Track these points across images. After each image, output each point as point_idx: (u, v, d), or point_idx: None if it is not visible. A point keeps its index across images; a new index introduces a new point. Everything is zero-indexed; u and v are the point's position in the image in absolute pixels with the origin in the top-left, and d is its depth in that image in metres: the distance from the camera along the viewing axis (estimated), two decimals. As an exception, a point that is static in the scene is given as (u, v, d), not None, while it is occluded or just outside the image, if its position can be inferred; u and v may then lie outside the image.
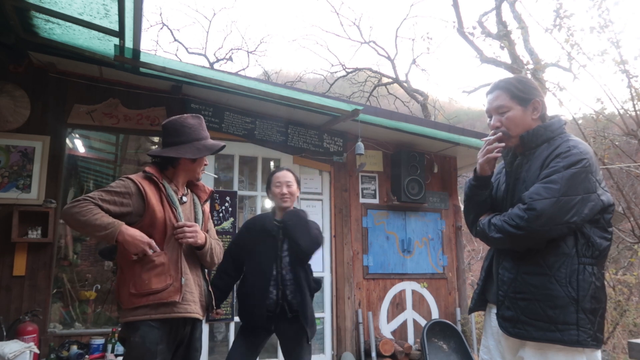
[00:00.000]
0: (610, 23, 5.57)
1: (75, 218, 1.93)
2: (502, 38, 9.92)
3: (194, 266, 2.20)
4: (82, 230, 2.03)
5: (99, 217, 1.94)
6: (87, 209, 1.93)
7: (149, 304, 2.00)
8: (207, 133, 2.29)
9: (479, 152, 1.83)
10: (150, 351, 1.97)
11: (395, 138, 5.20)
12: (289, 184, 2.82)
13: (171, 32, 14.70)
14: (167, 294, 2.01)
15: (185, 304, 2.07)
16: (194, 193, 2.35)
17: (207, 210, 2.41)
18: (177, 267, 2.07)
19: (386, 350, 4.60)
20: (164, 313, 2.01)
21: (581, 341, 1.55)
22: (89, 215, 1.92)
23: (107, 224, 1.94)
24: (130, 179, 2.09)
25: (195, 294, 2.15)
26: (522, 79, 1.87)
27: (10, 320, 3.64)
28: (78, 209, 1.93)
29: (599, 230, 1.64)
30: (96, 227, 1.93)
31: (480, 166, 1.82)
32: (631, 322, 6.08)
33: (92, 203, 1.96)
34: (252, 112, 4.71)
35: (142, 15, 3.01)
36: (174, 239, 2.09)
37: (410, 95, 13.39)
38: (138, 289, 2.00)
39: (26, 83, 4.05)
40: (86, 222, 1.92)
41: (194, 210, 2.29)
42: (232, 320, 4.37)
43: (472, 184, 1.85)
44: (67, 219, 1.97)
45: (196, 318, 2.15)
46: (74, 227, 2.03)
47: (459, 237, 5.52)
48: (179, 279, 2.05)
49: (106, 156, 5.75)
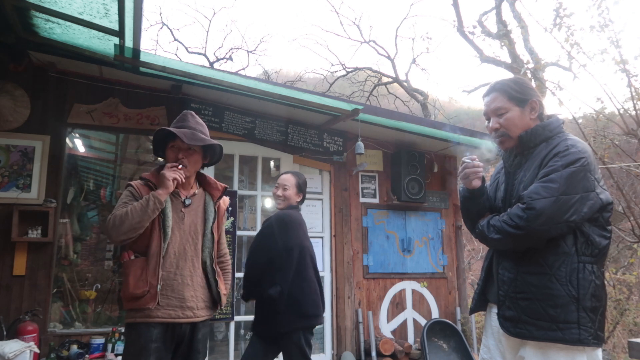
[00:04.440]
0: (610, 22, 5.56)
1: (124, 223, 2.00)
2: (502, 37, 9.92)
3: (191, 266, 2.17)
4: (138, 225, 2.04)
5: (135, 205, 2.05)
6: (123, 213, 2.02)
7: (134, 308, 2.06)
8: (182, 123, 2.23)
9: (459, 173, 1.85)
10: (145, 348, 2.01)
11: (396, 137, 5.20)
12: (285, 187, 2.92)
13: (171, 32, 14.76)
14: (144, 301, 2.04)
15: (169, 309, 2.08)
16: (207, 191, 2.33)
17: (223, 207, 2.41)
18: (155, 274, 2.06)
19: (386, 350, 4.61)
20: (147, 317, 2.05)
21: (582, 340, 1.55)
22: (127, 212, 2.02)
23: (144, 200, 2.05)
24: (132, 186, 2.17)
25: (190, 297, 2.13)
26: (519, 80, 1.88)
27: (11, 319, 3.64)
28: (118, 220, 2.01)
29: (598, 229, 1.64)
30: (142, 210, 2.02)
31: (466, 185, 1.84)
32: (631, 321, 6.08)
33: (116, 214, 2.04)
34: (252, 112, 4.71)
35: (142, 15, 3.02)
36: (155, 245, 2.09)
37: (410, 95, 13.39)
38: (124, 293, 2.10)
39: (26, 82, 4.05)
40: (131, 215, 2.01)
41: (203, 210, 2.27)
42: (232, 320, 4.38)
43: (466, 196, 1.86)
44: (120, 230, 2.01)
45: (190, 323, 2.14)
46: (130, 230, 2.03)
47: (459, 236, 5.53)
48: (155, 286, 2.05)
49: (106, 156, 5.75)
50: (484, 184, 1.85)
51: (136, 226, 2.03)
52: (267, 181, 5.57)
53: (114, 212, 2.06)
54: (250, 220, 5.98)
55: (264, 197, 5.18)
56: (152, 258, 2.07)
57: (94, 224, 5.54)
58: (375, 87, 13.77)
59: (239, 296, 4.57)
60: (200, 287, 2.19)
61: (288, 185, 2.91)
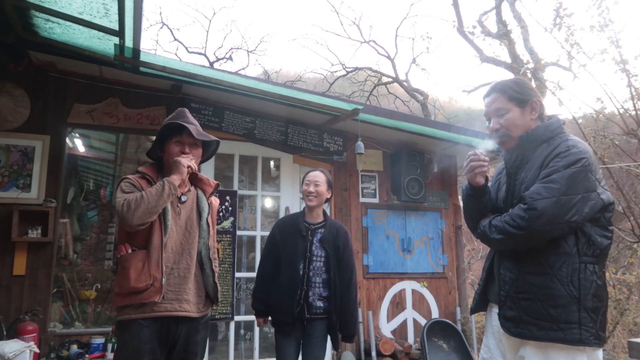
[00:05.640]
0: (610, 22, 5.55)
1: (140, 206, 1.97)
2: (502, 37, 9.92)
3: (187, 261, 2.16)
4: (154, 210, 2.02)
5: (150, 190, 2.03)
6: (138, 196, 2.00)
7: (132, 303, 2.00)
8: (184, 119, 2.22)
9: (464, 167, 1.83)
10: (139, 350, 1.97)
11: (396, 137, 5.20)
12: (317, 184, 2.87)
13: (171, 32, 14.76)
14: (148, 295, 2.00)
15: (167, 303, 2.05)
16: (199, 187, 2.33)
17: (215, 203, 2.42)
18: (158, 267, 2.03)
19: (386, 350, 4.61)
20: (144, 312, 2.01)
21: (583, 340, 1.55)
22: (143, 196, 2.00)
23: (158, 185, 2.04)
24: (129, 179, 2.12)
25: (188, 291, 2.12)
26: (519, 80, 1.88)
27: (10, 319, 3.64)
28: (134, 204, 1.97)
29: (600, 229, 1.64)
30: (157, 194, 2.01)
31: (470, 179, 1.82)
32: (631, 321, 6.08)
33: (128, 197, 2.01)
34: (252, 112, 4.70)
35: (142, 15, 3.01)
36: (156, 238, 2.06)
37: (410, 95, 13.39)
38: (121, 289, 2.02)
39: (26, 82, 4.05)
40: (147, 199, 1.99)
41: (197, 205, 2.27)
42: (232, 320, 4.38)
43: (469, 194, 1.85)
44: (137, 214, 1.97)
45: (187, 317, 2.11)
46: (146, 214, 1.99)
47: (459, 236, 5.53)
48: (159, 279, 2.02)
49: (106, 155, 5.75)
50: (487, 183, 1.85)
51: (152, 210, 1.99)
52: (267, 181, 5.57)
53: (125, 197, 2.00)
54: (250, 220, 5.99)
55: (264, 197, 5.18)
56: (154, 251, 2.04)
57: (94, 223, 5.54)
58: (375, 87, 13.77)
59: (239, 296, 4.57)
60: (196, 282, 2.18)
61: (320, 181, 2.88)
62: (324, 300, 2.79)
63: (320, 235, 2.85)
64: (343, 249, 2.87)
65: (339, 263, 2.84)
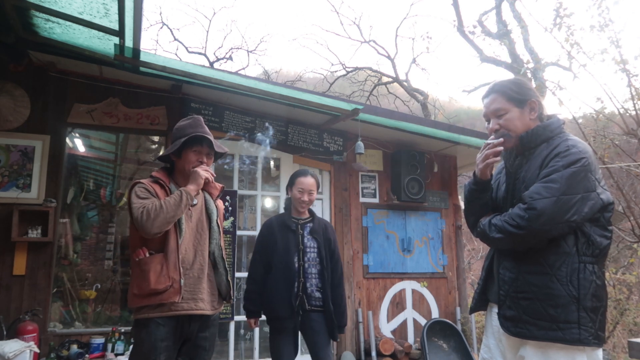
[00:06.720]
0: (610, 22, 5.55)
1: (159, 216, 2.03)
2: (502, 37, 9.92)
3: (200, 262, 2.26)
4: (172, 219, 2.09)
5: (168, 200, 2.09)
6: (157, 206, 2.05)
7: (150, 304, 2.09)
8: (196, 129, 2.27)
9: (478, 156, 1.82)
10: (155, 347, 2.06)
11: (396, 137, 5.20)
12: (310, 193, 2.94)
13: (171, 32, 14.74)
14: (167, 295, 2.09)
15: (183, 303, 2.14)
16: (206, 190, 2.41)
17: (221, 206, 2.53)
18: (176, 269, 2.13)
19: (386, 350, 4.61)
20: (162, 312, 2.10)
21: (583, 339, 1.55)
22: (162, 206, 2.05)
23: (177, 195, 2.11)
24: (143, 183, 2.19)
25: (202, 290, 2.22)
26: (517, 80, 1.88)
27: (10, 319, 3.65)
28: (153, 213, 2.03)
29: (599, 229, 1.65)
30: (175, 204, 2.08)
31: (480, 170, 1.81)
32: (631, 321, 6.07)
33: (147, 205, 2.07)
34: (252, 112, 4.71)
35: (142, 15, 3.02)
36: (172, 241, 2.15)
37: (410, 95, 13.38)
38: (141, 290, 2.10)
39: (26, 82, 4.05)
40: (166, 208, 2.05)
41: (205, 208, 2.37)
42: (232, 320, 4.38)
43: (473, 188, 1.85)
44: (155, 224, 2.03)
45: (202, 315, 2.21)
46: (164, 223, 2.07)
47: (459, 236, 5.53)
48: (178, 281, 2.12)
49: (106, 155, 5.75)
50: (491, 180, 1.85)
51: (170, 220, 2.08)
52: (267, 181, 5.57)
53: (142, 203, 2.07)
54: (250, 220, 5.98)
55: (264, 197, 5.18)
56: (171, 254, 2.13)
57: (94, 223, 5.55)
58: (375, 87, 13.76)
59: (239, 296, 4.57)
60: (209, 281, 2.29)
61: (313, 190, 2.96)
62: (320, 291, 2.84)
63: (310, 228, 2.93)
64: (334, 242, 2.99)
65: (332, 256, 2.94)
